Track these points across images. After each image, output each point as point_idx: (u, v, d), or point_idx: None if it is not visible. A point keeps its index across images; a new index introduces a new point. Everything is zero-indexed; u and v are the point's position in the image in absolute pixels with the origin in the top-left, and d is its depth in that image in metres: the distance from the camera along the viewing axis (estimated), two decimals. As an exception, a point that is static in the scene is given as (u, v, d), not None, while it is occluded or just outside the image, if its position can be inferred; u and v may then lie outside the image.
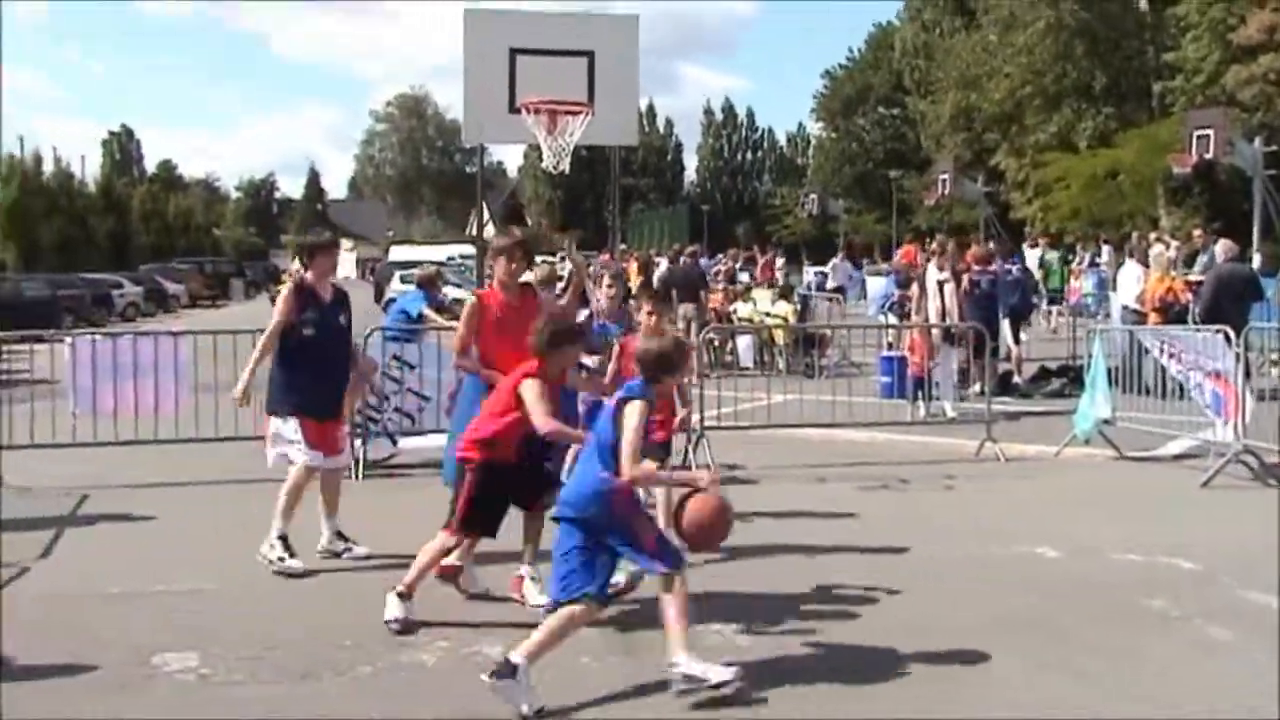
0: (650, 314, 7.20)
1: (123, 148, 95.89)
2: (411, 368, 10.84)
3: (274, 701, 5.04)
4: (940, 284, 13.93)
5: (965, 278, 14.56)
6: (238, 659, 5.55)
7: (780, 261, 31.92)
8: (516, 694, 4.76)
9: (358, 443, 10.37)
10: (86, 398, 10.23)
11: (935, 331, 13.26)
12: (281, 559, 7.04)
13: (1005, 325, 15.62)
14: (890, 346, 15.02)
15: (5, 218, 46.67)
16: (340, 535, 7.50)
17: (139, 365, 10.29)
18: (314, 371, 7.25)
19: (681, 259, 20.42)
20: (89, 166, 63.90)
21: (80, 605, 6.47)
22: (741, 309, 19.87)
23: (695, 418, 10.93)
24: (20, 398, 10.60)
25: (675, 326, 16.58)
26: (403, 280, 34.61)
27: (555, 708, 4.83)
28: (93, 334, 11.77)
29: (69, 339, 10.80)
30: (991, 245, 19.63)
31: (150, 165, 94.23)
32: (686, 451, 10.68)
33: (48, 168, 52.13)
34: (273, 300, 10.88)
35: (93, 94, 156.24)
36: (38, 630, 5.97)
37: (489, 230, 24.66)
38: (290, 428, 7.23)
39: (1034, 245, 30.01)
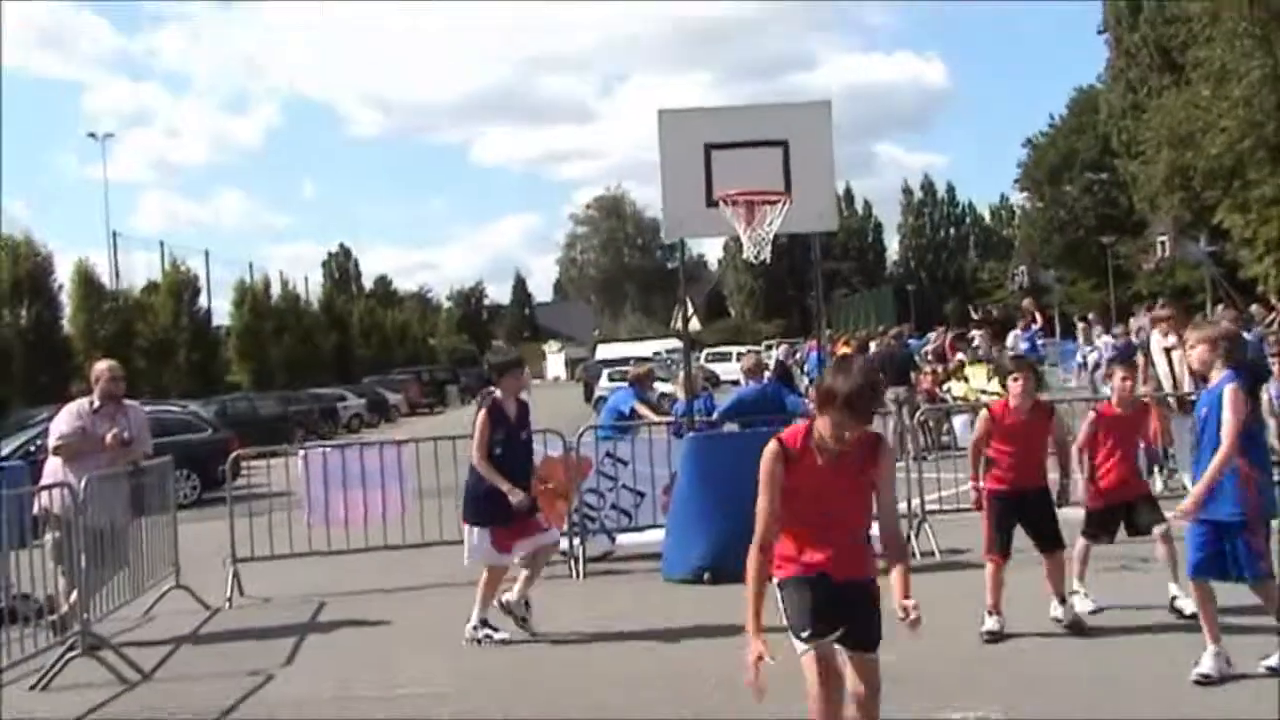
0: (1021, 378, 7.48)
1: (341, 266, 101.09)
2: (625, 464, 10.93)
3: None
4: (1167, 350, 13.29)
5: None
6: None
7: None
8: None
9: (576, 541, 10.49)
10: (320, 508, 10.69)
11: (1169, 400, 12.66)
12: (487, 635, 7.98)
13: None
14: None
15: (240, 341, 49.80)
16: (525, 605, 8.17)
17: (366, 474, 10.71)
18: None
19: (876, 342, 20.13)
20: (312, 286, 67.60)
21: (324, 709, 6.69)
22: (956, 388, 19.39)
23: (915, 502, 10.67)
24: (259, 510, 11.15)
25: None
26: (611, 378, 35.18)
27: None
28: (323, 447, 12.33)
29: (302, 452, 11.34)
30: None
31: (367, 281, 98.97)
32: (910, 537, 10.40)
33: (275, 290, 55.33)
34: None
35: (309, 216, 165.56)
36: (284, 735, 6.20)
37: (694, 323, 24.88)
38: (480, 535, 8.02)
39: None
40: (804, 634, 4.21)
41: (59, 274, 38.08)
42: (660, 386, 22.28)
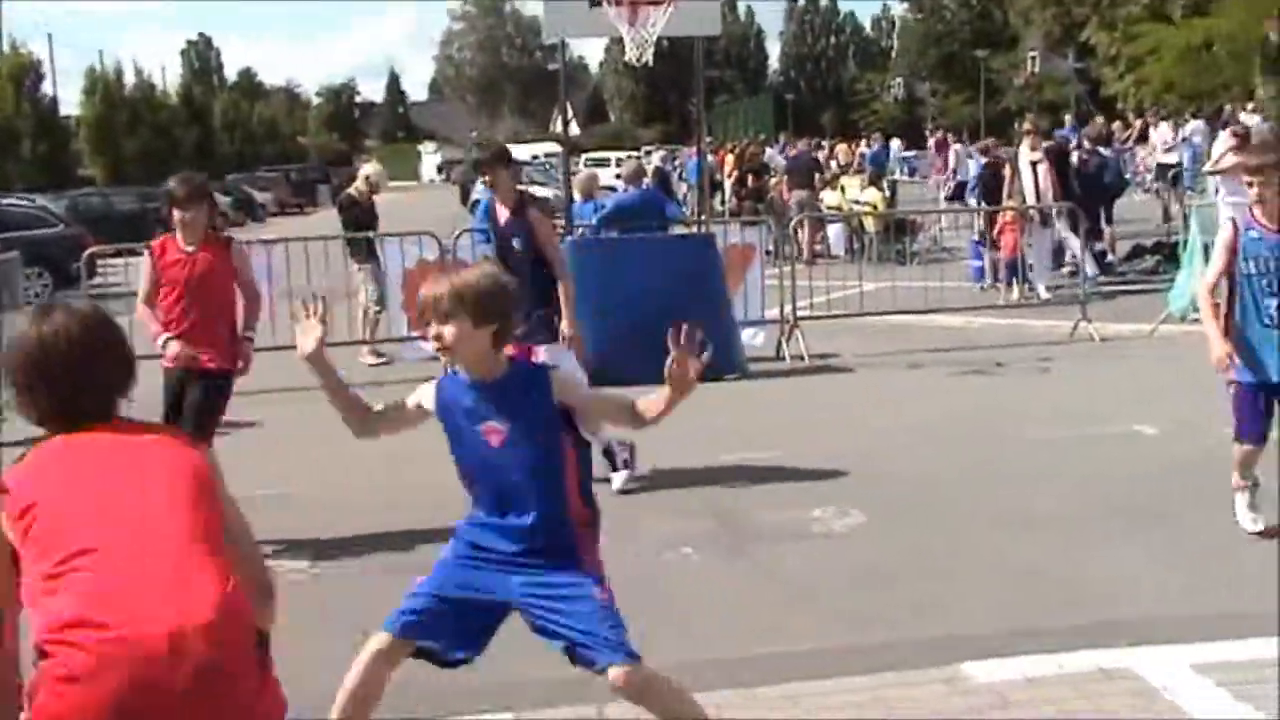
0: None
1: (201, 56, 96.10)
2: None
3: (382, 593, 5.13)
4: (1033, 164, 13.58)
5: (1076, 155, 14.26)
6: (348, 557, 5.75)
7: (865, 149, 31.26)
8: None
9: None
10: (184, 307, 10.38)
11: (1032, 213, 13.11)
12: None
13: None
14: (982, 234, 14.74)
15: (91, 132, 47.54)
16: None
17: (233, 273, 10.37)
18: None
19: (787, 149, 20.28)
20: (170, 78, 64.42)
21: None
22: (830, 197, 19.54)
23: (788, 308, 10.85)
24: (118, 310, 10.77)
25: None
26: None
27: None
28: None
29: (163, 250, 10.94)
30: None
31: (231, 74, 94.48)
32: (780, 343, 10.61)
33: (129, 79, 52.57)
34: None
35: (168, 3, 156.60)
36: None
37: (573, 128, 24.44)
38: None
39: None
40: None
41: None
42: (539, 190, 22.02)
